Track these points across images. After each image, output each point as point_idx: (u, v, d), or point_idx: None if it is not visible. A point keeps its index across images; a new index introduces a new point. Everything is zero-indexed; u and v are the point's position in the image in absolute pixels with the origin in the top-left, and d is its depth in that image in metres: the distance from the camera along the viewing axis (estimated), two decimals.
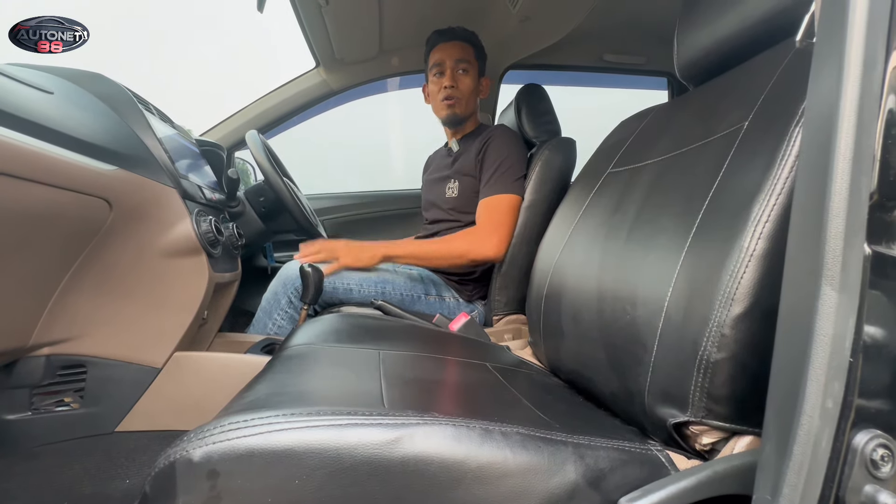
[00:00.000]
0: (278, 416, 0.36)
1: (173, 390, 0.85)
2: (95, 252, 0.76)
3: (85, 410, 0.82)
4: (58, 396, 0.82)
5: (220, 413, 0.44)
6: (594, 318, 0.68)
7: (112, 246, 0.77)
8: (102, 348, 0.82)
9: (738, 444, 0.44)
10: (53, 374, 0.80)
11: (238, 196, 1.26)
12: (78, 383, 0.82)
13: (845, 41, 0.30)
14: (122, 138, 0.77)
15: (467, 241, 1.18)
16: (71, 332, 0.79)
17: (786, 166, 0.43)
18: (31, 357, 0.78)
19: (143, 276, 0.83)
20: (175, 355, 0.86)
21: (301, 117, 1.72)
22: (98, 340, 0.82)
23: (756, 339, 0.42)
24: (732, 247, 0.44)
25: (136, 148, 0.79)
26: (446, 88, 1.27)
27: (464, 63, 1.28)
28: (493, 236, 1.17)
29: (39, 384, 0.80)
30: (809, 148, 0.32)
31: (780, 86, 0.53)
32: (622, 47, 1.67)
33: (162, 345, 0.86)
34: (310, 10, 1.29)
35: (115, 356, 0.83)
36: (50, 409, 0.81)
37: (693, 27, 0.73)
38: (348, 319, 0.89)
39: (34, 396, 0.80)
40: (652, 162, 0.72)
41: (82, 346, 0.81)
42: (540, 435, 0.40)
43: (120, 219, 0.75)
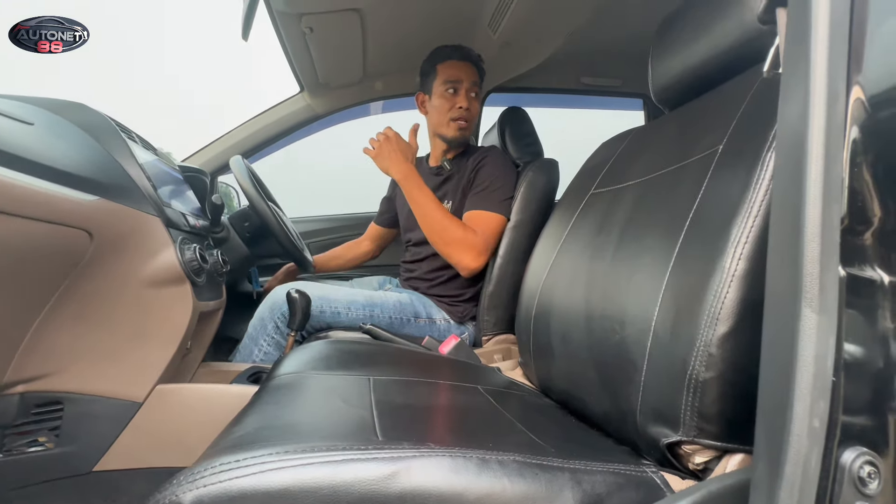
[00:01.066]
0: (271, 454, 0.35)
1: (155, 425, 0.82)
2: (75, 284, 0.73)
3: (61, 450, 0.78)
4: (31, 436, 0.78)
5: (208, 450, 0.42)
6: (583, 337, 0.68)
7: (92, 277, 0.75)
8: (81, 383, 0.79)
9: (730, 463, 0.44)
10: (27, 412, 0.77)
11: (222, 222, 1.24)
12: (53, 421, 0.79)
13: (809, 75, 0.32)
14: (103, 168, 0.76)
15: (463, 236, 1.16)
16: (47, 367, 0.76)
17: (760, 189, 0.45)
18: (4, 395, 0.75)
19: (125, 307, 0.81)
20: (157, 388, 0.84)
21: (285, 141, 1.73)
22: (76, 375, 0.79)
23: (743, 357, 0.43)
24: (715, 267, 0.46)
25: (118, 177, 0.78)
26: (461, 109, 1.25)
27: (476, 87, 1.28)
28: (479, 252, 1.17)
29: (12, 424, 0.76)
30: (782, 176, 0.34)
31: (750, 111, 0.56)
32: (599, 70, 1.73)
33: (143, 378, 0.83)
34: (294, 36, 1.30)
35: (93, 391, 0.80)
36: (22, 450, 0.77)
37: (666, 54, 0.76)
38: (337, 345, 0.88)
39: (6, 437, 0.76)
40: (633, 183, 0.74)
41: (59, 382, 0.78)
42: (536, 462, 0.40)
43: (101, 249, 0.73)
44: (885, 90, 0.31)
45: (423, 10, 1.29)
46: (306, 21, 1.22)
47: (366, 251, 1.58)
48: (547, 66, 1.55)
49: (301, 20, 1.22)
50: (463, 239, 1.17)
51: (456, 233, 1.17)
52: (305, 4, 1.17)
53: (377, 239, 1.60)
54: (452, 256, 1.18)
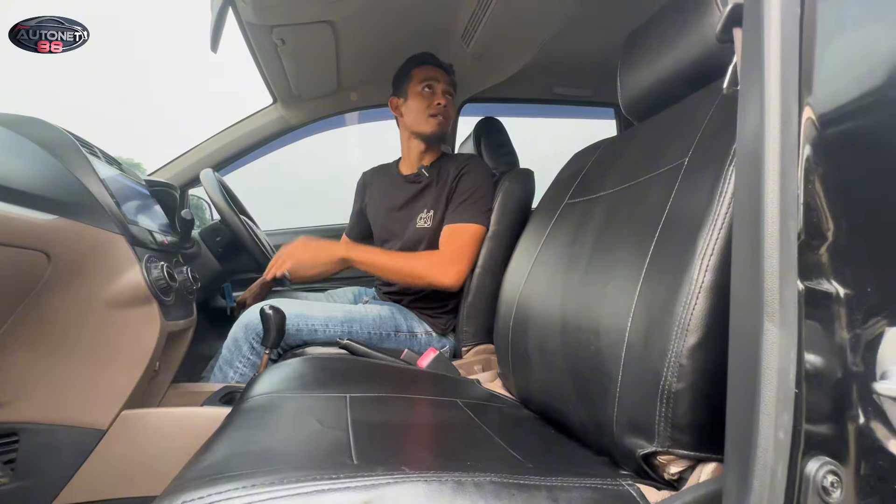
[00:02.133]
0: (237, 489, 0.34)
1: (121, 453, 0.79)
2: (31, 308, 0.70)
3: (16, 485, 0.74)
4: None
5: (173, 483, 0.40)
6: (560, 348, 0.69)
7: (50, 300, 0.72)
8: (38, 413, 0.75)
9: (703, 472, 0.45)
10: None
11: (193, 237, 1.21)
12: (8, 454, 0.74)
13: (764, 95, 0.33)
14: (62, 185, 0.73)
15: (428, 263, 1.18)
16: (1, 397, 0.72)
17: (724, 202, 0.46)
18: None
19: (87, 330, 0.77)
20: (122, 414, 0.80)
21: (259, 153, 1.70)
22: (33, 404, 0.75)
23: (712, 367, 0.44)
24: (683, 279, 0.47)
25: (78, 194, 0.75)
26: (438, 105, 1.27)
27: (450, 93, 1.31)
28: (453, 265, 1.17)
29: None
30: (741, 192, 0.35)
31: (713, 125, 0.58)
32: (571, 81, 1.76)
33: (107, 404, 0.79)
34: (265, 48, 1.29)
35: (53, 420, 0.76)
36: None
37: (633, 68, 0.79)
38: (313, 362, 0.86)
39: None
40: (605, 193, 0.76)
41: (15, 412, 0.73)
42: (513, 481, 0.39)
43: (60, 271, 0.70)
44: (833, 110, 0.32)
45: (397, 22, 1.29)
46: (277, 33, 1.21)
47: None
48: (520, 77, 1.58)
49: (272, 32, 1.20)
50: (428, 264, 1.18)
51: (419, 264, 1.18)
52: (276, 17, 1.15)
53: None
54: (430, 284, 1.18)
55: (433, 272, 1.17)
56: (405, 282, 1.19)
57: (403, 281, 1.19)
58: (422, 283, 1.19)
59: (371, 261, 1.18)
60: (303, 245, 1.14)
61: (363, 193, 1.49)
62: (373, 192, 1.44)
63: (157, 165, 1.56)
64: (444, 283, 1.17)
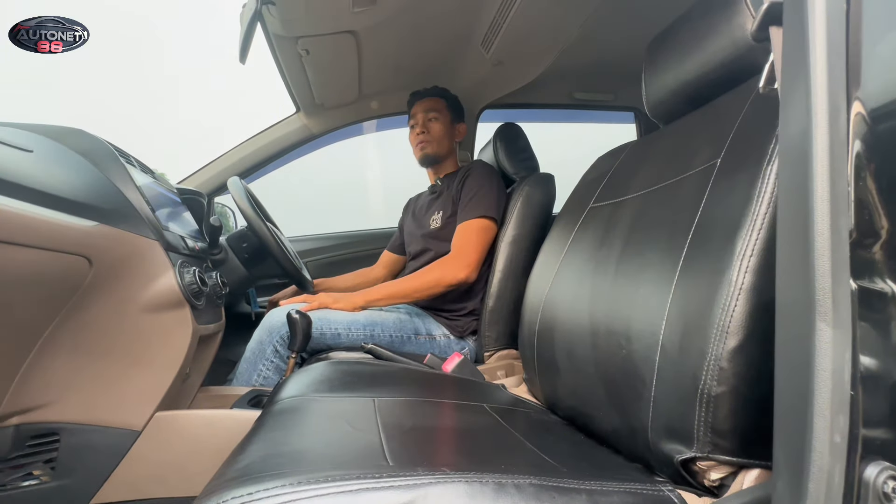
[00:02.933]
0: (284, 485, 0.34)
1: (155, 454, 0.80)
2: (73, 311, 0.72)
3: (57, 483, 0.76)
4: (26, 469, 0.76)
5: (214, 481, 0.41)
6: (589, 353, 0.68)
7: (91, 304, 0.74)
8: (78, 413, 0.77)
9: (746, 479, 0.44)
10: (22, 445, 0.75)
11: (220, 243, 1.24)
12: (49, 453, 0.77)
13: (810, 92, 0.33)
14: (103, 193, 0.76)
15: (438, 268, 1.23)
16: (44, 397, 0.74)
17: (763, 202, 0.46)
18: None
19: (124, 333, 0.79)
20: (156, 416, 0.82)
21: (282, 161, 1.73)
22: (73, 405, 0.77)
23: (754, 371, 0.43)
24: (721, 280, 0.46)
25: (117, 201, 0.78)
26: (419, 135, 1.42)
27: (433, 112, 1.42)
28: (461, 259, 1.23)
29: (6, 457, 0.74)
30: (788, 191, 0.34)
31: (746, 125, 0.57)
32: (591, 85, 1.76)
33: (142, 405, 0.81)
34: (290, 59, 1.32)
35: (91, 421, 0.78)
36: (16, 485, 0.75)
37: (659, 71, 0.78)
38: (339, 366, 0.87)
39: (0, 472, 0.74)
40: (632, 196, 0.75)
41: (56, 412, 0.76)
42: (552, 484, 0.39)
43: (100, 275, 0.72)
44: (884, 104, 0.32)
45: (417, 31, 1.31)
46: (302, 44, 1.24)
47: (377, 276, 1.60)
48: (539, 82, 1.58)
49: (297, 43, 1.23)
50: (438, 270, 1.23)
51: (430, 274, 1.23)
52: (301, 28, 1.18)
53: (389, 266, 1.62)
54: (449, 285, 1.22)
55: (445, 273, 1.22)
56: (429, 295, 1.24)
57: (427, 296, 1.24)
58: (442, 289, 1.22)
59: (389, 293, 1.24)
60: (331, 299, 1.20)
61: (406, 213, 1.61)
62: (411, 209, 1.56)
63: (179, 177, 1.61)
64: (458, 279, 1.22)
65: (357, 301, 1.20)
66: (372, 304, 1.22)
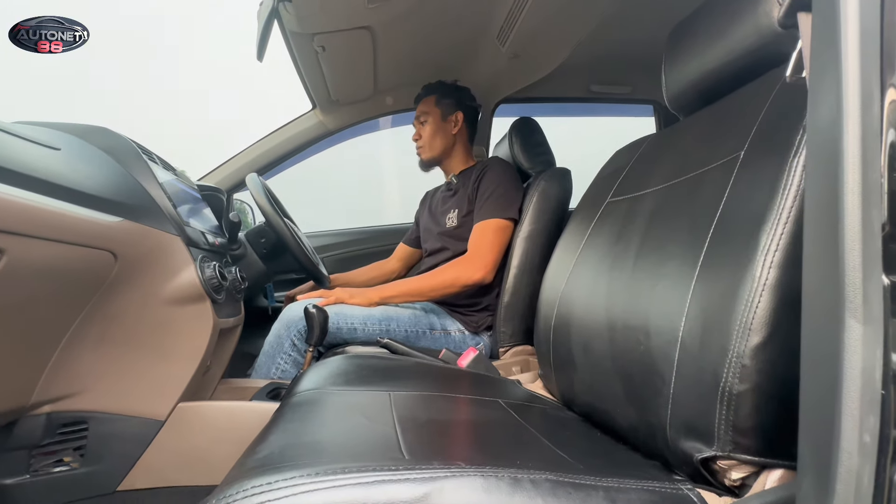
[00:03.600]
0: (302, 476, 0.35)
1: (178, 443, 0.83)
2: (99, 304, 0.75)
3: (86, 470, 0.79)
4: (57, 456, 0.79)
5: (234, 470, 0.42)
6: (606, 348, 0.67)
7: (116, 297, 0.76)
8: (105, 402, 0.80)
9: (769, 479, 0.43)
10: (54, 432, 0.78)
11: (239, 238, 1.26)
12: (79, 441, 0.79)
13: (841, 80, 0.32)
14: (127, 189, 0.78)
15: (455, 268, 1.23)
16: (73, 387, 0.77)
17: (789, 196, 0.44)
18: (31, 416, 0.75)
19: (147, 326, 0.81)
20: (179, 406, 0.84)
21: (298, 157, 1.75)
22: (100, 394, 0.80)
23: (778, 368, 0.42)
24: (744, 276, 0.45)
25: (140, 198, 0.80)
26: (414, 142, 1.45)
27: (422, 116, 1.42)
28: (478, 260, 1.22)
29: (39, 444, 0.77)
30: (815, 183, 0.33)
31: (771, 116, 0.55)
32: (608, 78, 1.73)
33: (165, 396, 0.84)
34: (306, 56, 1.33)
35: (117, 410, 0.81)
36: (48, 471, 0.78)
37: (680, 61, 0.76)
38: (355, 360, 0.87)
39: (33, 458, 0.77)
40: (651, 190, 0.74)
41: (84, 401, 0.79)
42: (569, 480, 0.39)
43: (125, 269, 0.74)
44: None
45: (432, 25, 1.31)
46: (318, 40, 1.25)
47: (392, 269, 1.61)
48: (556, 75, 1.56)
49: (313, 40, 1.24)
50: (455, 270, 1.23)
51: (446, 274, 1.23)
52: (318, 24, 1.19)
53: (404, 258, 1.63)
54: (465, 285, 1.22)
55: (461, 273, 1.21)
56: (444, 295, 1.24)
57: (441, 295, 1.24)
58: (457, 289, 1.22)
59: (404, 291, 1.24)
60: (347, 294, 1.21)
61: (422, 206, 1.61)
62: (427, 204, 1.56)
63: (199, 174, 1.64)
64: (474, 280, 1.21)
65: (372, 297, 1.21)
66: (387, 301, 1.23)
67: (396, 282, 1.29)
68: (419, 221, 1.58)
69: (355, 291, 1.22)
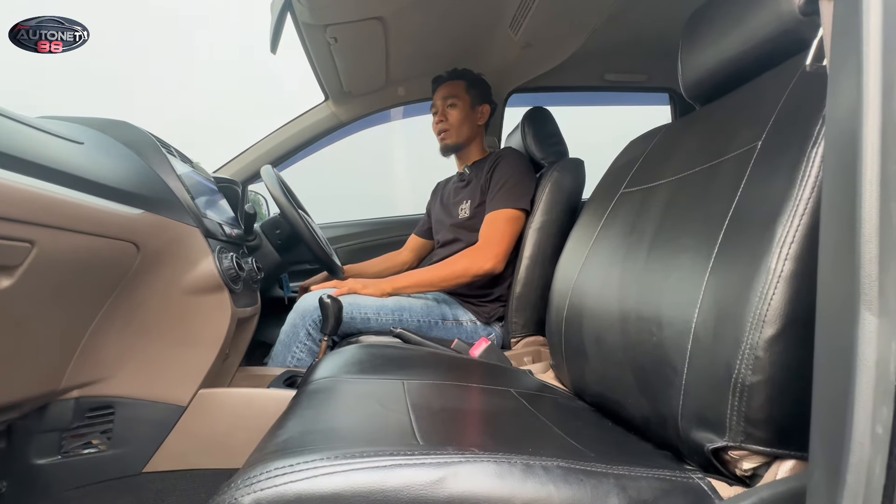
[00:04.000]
0: (322, 459, 0.36)
1: (199, 428, 0.86)
2: (123, 293, 0.77)
3: (113, 452, 0.82)
4: (86, 438, 0.83)
5: (255, 454, 0.44)
6: (618, 339, 0.67)
7: (139, 287, 0.79)
8: (129, 388, 0.83)
9: (781, 469, 0.43)
10: (82, 416, 0.81)
11: (255, 229, 1.28)
12: (105, 424, 0.83)
13: (862, 69, 0.31)
14: (147, 182, 0.80)
15: (466, 258, 1.23)
16: (99, 373, 0.80)
17: (807, 187, 0.44)
18: (61, 400, 0.79)
19: (168, 315, 0.84)
20: (199, 392, 0.87)
21: (311, 149, 1.76)
22: (125, 380, 0.83)
23: (792, 360, 0.42)
24: (759, 268, 0.45)
25: (160, 190, 0.82)
26: (437, 124, 1.41)
27: (451, 98, 1.39)
28: (489, 250, 1.22)
29: (68, 427, 0.80)
30: (833, 173, 0.33)
31: (790, 106, 0.54)
32: (623, 66, 1.70)
33: (187, 382, 0.86)
34: (319, 47, 1.33)
35: (141, 396, 0.84)
36: (78, 452, 0.82)
37: (696, 48, 0.75)
38: (369, 350, 0.89)
39: (63, 440, 0.81)
40: (665, 181, 0.73)
41: (110, 386, 0.82)
42: (580, 467, 0.40)
43: (146, 260, 0.77)
44: None
45: (444, 14, 1.30)
46: (331, 31, 1.25)
47: (404, 261, 1.62)
48: (569, 64, 1.54)
49: (326, 31, 1.24)
50: (466, 260, 1.23)
51: (456, 267, 1.23)
52: (330, 15, 1.19)
53: (416, 250, 1.64)
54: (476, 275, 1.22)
55: (472, 263, 1.22)
56: (455, 285, 1.24)
57: (453, 285, 1.25)
58: (468, 279, 1.23)
59: (415, 282, 1.25)
60: (360, 285, 1.23)
61: (434, 197, 1.61)
62: (439, 195, 1.56)
63: (214, 166, 1.66)
64: (485, 270, 1.21)
65: (385, 288, 1.23)
66: (399, 292, 1.24)
67: (408, 273, 1.31)
68: (430, 213, 1.58)
69: (368, 282, 1.24)
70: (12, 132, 0.58)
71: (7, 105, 0.62)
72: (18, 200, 0.53)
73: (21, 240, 0.54)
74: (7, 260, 0.54)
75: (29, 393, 0.69)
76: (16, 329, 0.61)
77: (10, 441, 0.77)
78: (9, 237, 0.52)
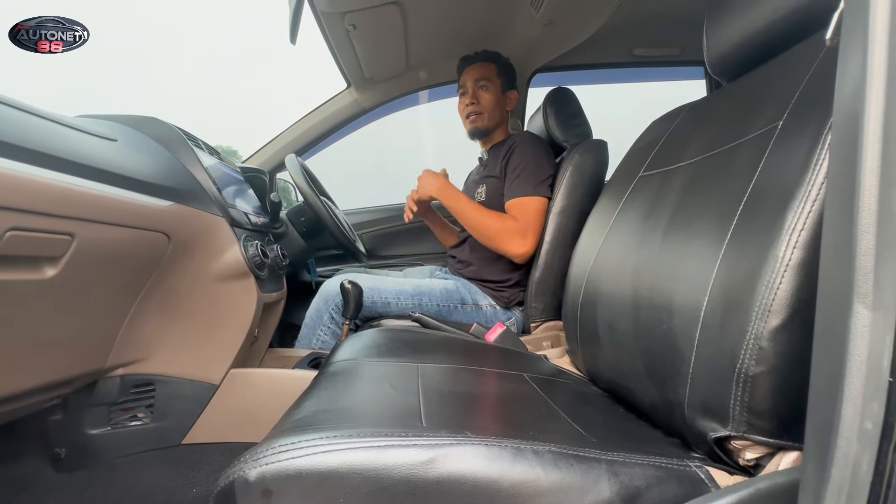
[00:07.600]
0: (322, 438, 0.39)
1: (231, 405, 0.92)
2: (158, 281, 0.83)
3: (155, 425, 0.90)
4: (131, 412, 0.90)
5: (271, 431, 0.47)
6: (630, 326, 0.67)
7: (171, 274, 0.85)
8: (167, 367, 0.90)
9: (783, 460, 0.42)
10: (127, 392, 0.89)
11: (281, 217, 1.33)
12: (148, 400, 0.90)
13: (867, 48, 0.29)
14: (176, 175, 0.85)
15: (503, 228, 1.21)
16: (140, 353, 0.87)
17: (820, 171, 0.42)
18: (108, 378, 0.86)
19: (199, 300, 0.90)
20: (231, 372, 0.93)
21: (335, 136, 1.79)
22: (163, 360, 0.90)
23: (797, 351, 0.40)
24: (767, 256, 0.43)
25: (188, 183, 0.86)
26: (468, 106, 1.38)
27: (483, 81, 1.36)
28: (525, 237, 1.20)
29: (116, 402, 0.88)
30: (836, 159, 0.31)
31: (814, 84, 0.51)
32: (653, 40, 1.62)
33: (219, 363, 0.92)
34: (338, 35, 1.34)
35: (178, 374, 0.91)
36: (125, 424, 0.90)
37: (723, 21, 0.71)
38: (388, 334, 0.92)
39: (112, 413, 0.89)
40: (684, 164, 0.70)
41: (150, 366, 0.89)
42: (572, 452, 0.40)
43: (177, 249, 0.82)
44: None
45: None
46: (349, 19, 1.25)
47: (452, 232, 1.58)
48: (595, 40, 1.48)
49: (344, 18, 1.25)
50: (503, 229, 1.20)
51: (495, 225, 1.21)
52: (347, 3, 1.20)
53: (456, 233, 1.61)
54: (500, 248, 1.22)
55: (506, 238, 1.20)
56: (476, 233, 1.24)
57: (475, 232, 1.24)
58: (491, 244, 1.22)
59: (455, 205, 1.25)
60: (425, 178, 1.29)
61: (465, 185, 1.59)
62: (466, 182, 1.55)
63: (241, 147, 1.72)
64: (510, 252, 1.20)
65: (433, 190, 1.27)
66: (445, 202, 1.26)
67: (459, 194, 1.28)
68: None
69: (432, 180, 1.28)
70: (52, 133, 0.63)
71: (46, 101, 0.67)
72: (58, 197, 0.57)
73: (62, 233, 0.59)
74: (51, 252, 0.59)
75: (78, 370, 0.77)
76: (63, 314, 0.67)
77: (66, 413, 0.86)
78: (51, 231, 0.57)
